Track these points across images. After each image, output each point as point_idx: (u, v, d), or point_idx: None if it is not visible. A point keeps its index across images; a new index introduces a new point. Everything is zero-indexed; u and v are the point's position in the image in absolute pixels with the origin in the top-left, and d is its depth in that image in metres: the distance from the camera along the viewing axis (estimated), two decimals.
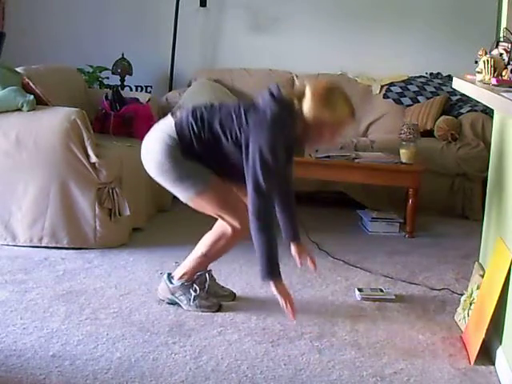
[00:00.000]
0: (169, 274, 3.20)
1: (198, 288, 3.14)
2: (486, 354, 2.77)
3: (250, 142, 2.81)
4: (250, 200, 2.81)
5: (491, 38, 3.25)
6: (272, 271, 2.81)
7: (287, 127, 2.85)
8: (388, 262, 3.94)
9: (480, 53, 2.98)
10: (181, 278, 3.15)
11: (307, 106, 2.81)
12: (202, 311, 3.10)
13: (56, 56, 5.67)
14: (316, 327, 3.01)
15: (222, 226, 3.07)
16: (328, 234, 4.37)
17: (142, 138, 2.80)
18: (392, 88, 5.60)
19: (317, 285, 3.51)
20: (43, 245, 3.83)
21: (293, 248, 3.19)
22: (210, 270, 3.24)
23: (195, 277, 3.18)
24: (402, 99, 5.52)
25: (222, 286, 3.32)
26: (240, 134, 2.85)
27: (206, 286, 3.19)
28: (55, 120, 3.84)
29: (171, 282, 3.16)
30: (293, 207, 3.15)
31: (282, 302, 2.81)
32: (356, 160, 4.51)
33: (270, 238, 2.80)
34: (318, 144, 2.99)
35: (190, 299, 3.12)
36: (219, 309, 3.13)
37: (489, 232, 3.17)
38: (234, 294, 3.31)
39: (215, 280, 3.29)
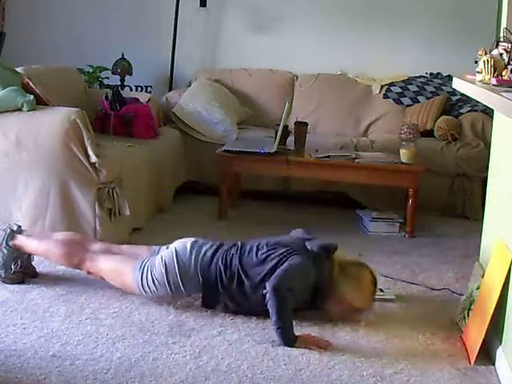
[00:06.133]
0: (18, 227, 3.36)
1: (18, 264, 3.28)
2: (486, 354, 2.77)
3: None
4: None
5: (491, 38, 3.25)
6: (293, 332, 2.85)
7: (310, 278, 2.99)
8: (388, 262, 3.93)
9: (480, 53, 2.98)
10: (17, 246, 3.30)
11: (343, 281, 3.00)
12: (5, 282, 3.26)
13: (56, 56, 5.67)
14: (316, 327, 3.01)
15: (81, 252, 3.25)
16: (328, 234, 4.36)
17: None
18: (392, 88, 5.59)
19: None
20: None
21: None
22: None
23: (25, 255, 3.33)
24: (402, 99, 5.51)
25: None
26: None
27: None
28: (55, 120, 3.84)
29: (8, 239, 3.29)
30: None
31: (318, 348, 2.80)
32: (356, 160, 4.50)
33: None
34: (328, 311, 3.11)
35: (6, 266, 3.26)
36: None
37: (489, 232, 3.17)
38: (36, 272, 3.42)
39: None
